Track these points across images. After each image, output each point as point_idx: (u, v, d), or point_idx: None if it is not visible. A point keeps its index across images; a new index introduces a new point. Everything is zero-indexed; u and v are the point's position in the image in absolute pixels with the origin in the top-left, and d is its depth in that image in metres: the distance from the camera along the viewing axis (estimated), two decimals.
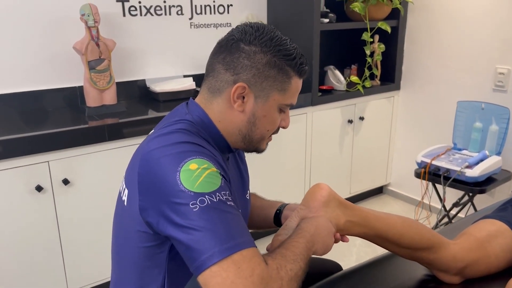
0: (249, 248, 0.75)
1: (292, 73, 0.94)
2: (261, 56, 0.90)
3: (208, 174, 0.80)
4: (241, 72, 0.91)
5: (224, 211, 0.77)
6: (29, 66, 2.07)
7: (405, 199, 3.15)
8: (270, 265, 0.76)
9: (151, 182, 0.82)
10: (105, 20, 2.14)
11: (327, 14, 2.60)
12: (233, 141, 0.98)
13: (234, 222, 0.77)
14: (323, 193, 0.99)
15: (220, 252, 0.72)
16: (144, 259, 0.91)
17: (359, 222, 1.01)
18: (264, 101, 0.93)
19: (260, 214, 1.21)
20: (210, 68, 0.95)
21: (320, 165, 2.73)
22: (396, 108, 3.06)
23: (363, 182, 3.06)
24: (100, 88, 2.05)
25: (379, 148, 3.08)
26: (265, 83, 0.92)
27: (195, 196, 0.76)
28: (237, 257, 0.72)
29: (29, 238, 1.80)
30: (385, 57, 2.88)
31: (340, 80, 2.76)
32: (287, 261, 0.79)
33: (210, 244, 0.73)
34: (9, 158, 1.69)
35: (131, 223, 0.89)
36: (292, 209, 1.16)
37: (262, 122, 0.96)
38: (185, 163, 0.80)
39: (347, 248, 2.55)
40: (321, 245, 0.90)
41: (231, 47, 0.92)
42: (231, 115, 0.94)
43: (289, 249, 0.82)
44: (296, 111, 2.49)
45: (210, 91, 0.95)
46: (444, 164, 2.30)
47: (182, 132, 0.87)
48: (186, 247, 0.75)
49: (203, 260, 0.72)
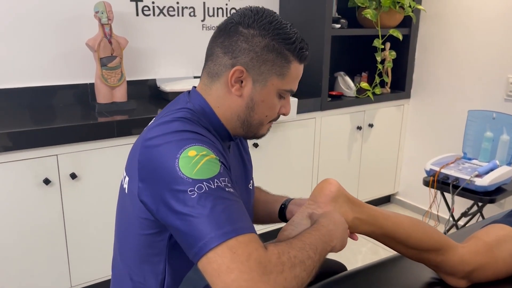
0: (247, 233, 0.73)
1: (292, 57, 0.92)
2: (259, 39, 0.89)
3: (207, 161, 0.79)
4: (239, 56, 0.90)
5: (222, 198, 0.76)
6: (43, 62, 2.10)
7: (413, 209, 3.12)
8: (270, 250, 0.73)
9: (151, 169, 0.82)
10: (118, 19, 2.16)
11: (338, 19, 2.60)
12: (232, 128, 0.97)
13: (232, 208, 0.76)
14: (332, 188, 0.97)
15: (216, 238, 0.71)
16: (144, 247, 0.91)
17: (367, 219, 0.99)
18: (263, 85, 0.92)
19: (264, 208, 1.20)
20: (209, 52, 0.95)
21: (328, 171, 2.72)
22: (406, 117, 3.04)
23: (371, 190, 3.04)
24: (111, 85, 2.06)
25: (388, 157, 3.06)
26: (263, 67, 0.90)
27: (193, 183, 0.76)
28: (233, 242, 0.71)
29: (34, 230, 1.81)
30: (396, 65, 2.87)
31: (350, 86, 2.75)
32: (292, 248, 0.76)
33: (206, 230, 0.72)
34: (19, 150, 1.71)
35: (132, 210, 0.89)
36: (297, 204, 1.15)
37: (260, 107, 0.94)
38: (184, 150, 0.79)
39: (353, 254, 2.53)
40: (339, 240, 0.88)
41: (229, 31, 0.91)
42: (229, 100, 0.93)
43: (298, 238, 0.80)
44: (304, 115, 2.49)
45: (209, 75, 0.95)
46: (453, 172, 2.27)
47: (182, 120, 0.87)
48: (183, 234, 0.75)
49: (199, 246, 0.71)
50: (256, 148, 2.31)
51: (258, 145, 2.32)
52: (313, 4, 2.51)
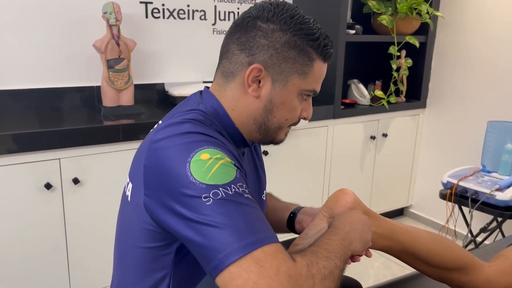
0: (272, 243, 0.66)
1: (315, 55, 0.84)
2: (280, 35, 0.81)
3: (222, 165, 0.72)
4: (257, 53, 0.82)
5: (241, 204, 0.68)
6: (50, 63, 2.06)
7: (428, 223, 3.00)
8: (298, 262, 0.66)
9: (158, 174, 0.74)
10: (127, 21, 2.12)
11: (353, 25, 2.53)
12: (248, 132, 0.89)
13: (253, 216, 0.68)
14: (348, 198, 0.91)
15: (239, 249, 0.63)
16: (148, 261, 0.82)
17: (384, 234, 0.92)
18: (283, 85, 0.84)
19: (272, 216, 1.11)
20: (225, 50, 0.87)
21: (339, 181, 2.62)
22: (421, 127, 2.94)
23: (384, 202, 2.94)
24: (117, 88, 2.01)
25: (402, 168, 2.96)
26: (284, 65, 0.82)
27: (207, 189, 0.68)
28: (258, 254, 0.63)
29: (34, 236, 1.74)
30: (411, 74, 2.78)
31: (364, 94, 2.67)
32: (319, 258, 0.69)
33: (227, 241, 0.64)
34: (20, 153, 1.65)
35: (135, 220, 0.81)
36: (307, 213, 1.06)
37: (280, 110, 0.86)
38: (196, 153, 0.72)
39: (365, 269, 2.42)
40: (359, 241, 0.81)
41: (247, 25, 0.83)
42: (245, 101, 0.85)
43: (321, 247, 0.73)
44: (316, 123, 2.41)
45: (223, 75, 0.87)
46: (472, 185, 2.17)
47: (192, 122, 0.79)
48: (200, 245, 0.67)
49: (220, 259, 0.64)
50: (266, 155, 2.24)
51: (268, 152, 2.24)
52: (327, 9, 2.44)
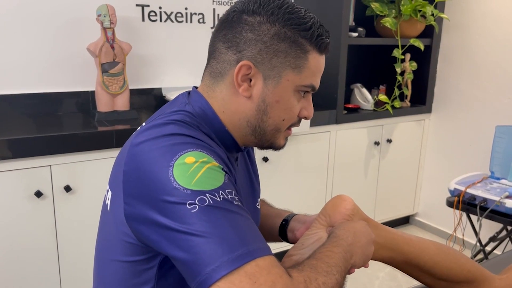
0: (266, 256, 0.60)
1: (309, 46, 0.77)
2: (268, 27, 0.74)
3: (208, 169, 0.65)
4: (245, 49, 0.75)
5: (230, 211, 0.62)
6: (44, 68, 2.00)
7: (434, 231, 2.91)
8: (295, 277, 0.61)
9: (138, 180, 0.67)
10: (123, 24, 2.07)
11: (356, 28, 2.47)
12: (242, 136, 0.81)
13: (244, 225, 0.62)
14: (347, 205, 0.84)
15: (229, 262, 0.57)
16: (129, 276, 0.75)
17: (385, 244, 0.85)
18: (276, 82, 0.76)
19: (264, 224, 1.03)
20: (211, 50, 0.80)
21: (342, 188, 2.54)
22: (427, 132, 2.86)
23: (389, 210, 2.85)
24: (112, 92, 1.95)
25: (407, 174, 2.87)
26: (275, 60, 0.75)
27: (192, 195, 0.61)
28: (251, 268, 0.58)
29: (24, 246, 1.67)
30: (416, 78, 2.71)
31: (367, 98, 2.60)
32: (319, 273, 0.63)
33: (216, 252, 0.58)
34: (9, 160, 1.59)
35: (115, 232, 0.74)
36: (300, 221, 0.98)
37: (274, 110, 0.78)
38: (180, 156, 0.65)
39: (369, 280, 2.34)
40: (361, 255, 0.75)
41: (232, 21, 0.76)
42: (236, 102, 0.78)
43: (321, 260, 0.67)
44: (318, 128, 2.34)
45: (211, 76, 0.80)
46: (480, 193, 2.08)
47: (177, 123, 0.72)
48: (184, 258, 0.60)
49: (207, 273, 0.57)
50: (265, 162, 2.17)
51: (268, 159, 2.17)
52: (329, 12, 2.38)
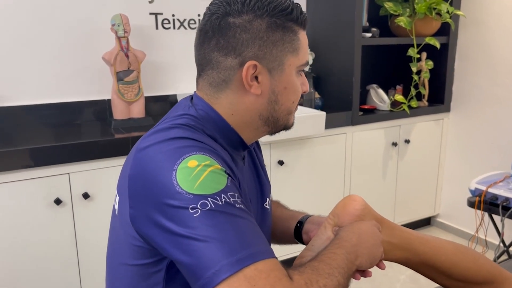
0: (267, 259, 0.61)
1: (296, 27, 0.80)
2: (259, 22, 0.76)
3: (211, 172, 0.66)
4: (244, 50, 0.76)
5: (232, 215, 0.63)
6: (61, 78, 2.05)
7: (456, 232, 2.85)
8: (296, 280, 0.61)
9: (143, 184, 0.68)
10: (137, 33, 2.10)
11: (369, 28, 2.45)
12: (254, 130, 0.83)
13: (245, 229, 0.63)
14: (357, 205, 0.84)
15: (230, 266, 0.58)
16: (138, 279, 0.76)
17: (399, 244, 0.84)
18: (281, 71, 0.79)
19: (279, 226, 1.03)
20: (204, 61, 0.80)
21: (360, 191, 2.52)
22: (446, 132, 2.81)
23: (409, 212, 2.80)
24: (127, 100, 1.98)
25: (427, 175, 2.82)
26: (274, 51, 0.78)
27: (195, 199, 0.63)
28: (251, 271, 0.58)
29: (45, 253, 1.71)
30: (433, 76, 2.66)
31: (383, 99, 2.57)
32: (320, 275, 0.64)
33: (217, 256, 0.59)
34: (29, 168, 1.63)
35: (123, 236, 0.76)
36: (315, 222, 0.98)
37: (284, 96, 0.81)
38: (183, 160, 0.66)
39: (390, 283, 2.30)
40: (367, 257, 0.74)
41: (220, 28, 0.77)
42: (246, 103, 0.80)
43: (323, 261, 0.67)
44: (334, 130, 2.32)
45: (212, 85, 0.81)
46: (502, 192, 2.03)
47: (182, 127, 0.74)
48: (186, 262, 0.61)
49: (208, 277, 0.59)
50: (281, 165, 2.16)
51: (283, 162, 2.16)
52: (341, 13, 2.37)
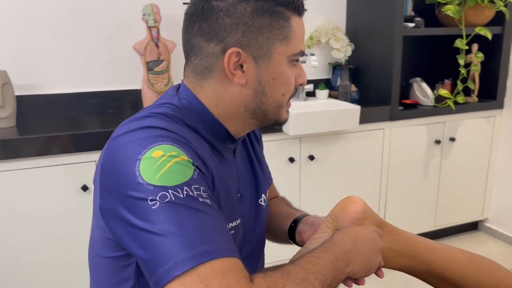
0: (225, 258, 0.56)
1: (288, 12, 0.72)
2: (243, 6, 0.70)
3: (175, 163, 0.62)
4: (227, 36, 0.71)
5: (193, 209, 0.59)
6: (94, 67, 2.09)
7: (506, 239, 2.63)
8: (256, 283, 0.56)
9: (112, 174, 0.66)
10: (169, 23, 2.09)
11: (413, 18, 2.30)
12: (241, 122, 0.78)
13: (207, 224, 0.58)
14: (356, 208, 0.77)
15: (183, 262, 0.54)
16: (111, 272, 0.74)
17: (404, 251, 0.76)
18: (268, 60, 0.73)
19: (276, 224, 0.97)
20: (189, 47, 0.76)
21: (398, 192, 2.38)
22: (498, 130, 2.60)
23: (453, 215, 2.62)
24: (157, 90, 1.98)
25: (475, 176, 2.62)
26: (260, 38, 0.71)
27: (155, 190, 0.59)
28: (205, 270, 0.54)
29: (71, 238, 1.75)
30: (484, 70, 2.46)
31: (427, 93, 2.41)
32: (289, 280, 0.58)
33: (171, 251, 0.55)
34: (57, 155, 1.68)
35: (95, 227, 0.75)
36: (309, 223, 0.90)
37: (273, 87, 0.74)
38: (149, 149, 0.63)
39: None
40: (361, 264, 0.68)
41: (203, 12, 0.72)
42: (230, 93, 0.74)
43: (300, 265, 0.61)
44: (370, 125, 2.20)
45: (196, 73, 0.76)
46: None
47: (158, 116, 0.70)
48: (142, 256, 0.58)
49: (161, 273, 0.55)
50: (311, 160, 2.08)
51: (314, 157, 2.08)
52: (382, 1, 2.24)
